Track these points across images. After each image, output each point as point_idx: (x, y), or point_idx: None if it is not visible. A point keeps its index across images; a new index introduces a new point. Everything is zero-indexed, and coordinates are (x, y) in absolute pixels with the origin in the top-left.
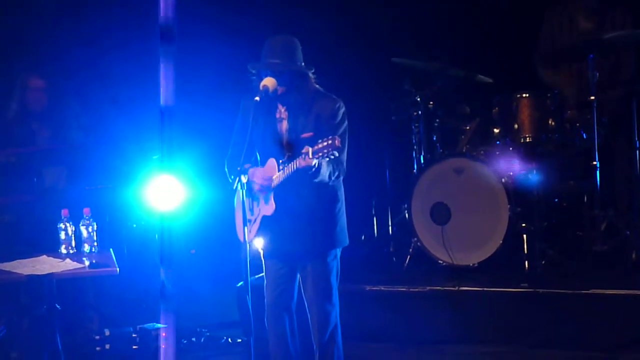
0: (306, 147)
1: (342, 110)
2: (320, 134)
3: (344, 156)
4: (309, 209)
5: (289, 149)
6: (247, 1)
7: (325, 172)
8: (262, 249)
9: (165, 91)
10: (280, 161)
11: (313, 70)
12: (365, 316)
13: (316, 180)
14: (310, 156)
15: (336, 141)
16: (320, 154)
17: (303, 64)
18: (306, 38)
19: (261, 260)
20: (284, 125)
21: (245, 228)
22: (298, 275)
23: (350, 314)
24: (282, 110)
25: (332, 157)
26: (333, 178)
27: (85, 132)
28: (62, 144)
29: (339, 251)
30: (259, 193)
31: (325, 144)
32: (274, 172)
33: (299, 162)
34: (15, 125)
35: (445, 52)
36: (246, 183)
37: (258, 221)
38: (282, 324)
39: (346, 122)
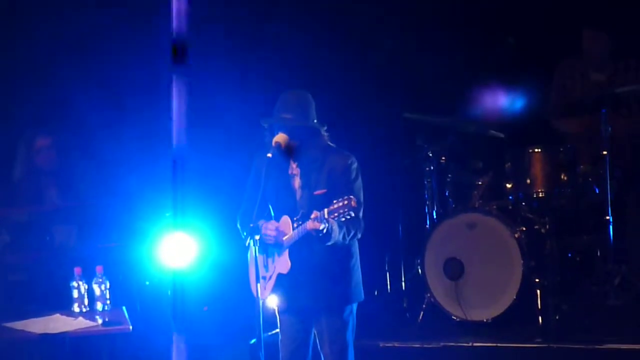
0: (315, 212)
1: (355, 165)
2: (334, 190)
3: (361, 213)
4: (324, 265)
5: (302, 207)
6: (262, 56)
7: (337, 234)
8: (277, 306)
9: (177, 147)
10: (295, 218)
11: (326, 127)
12: None
13: (328, 243)
14: (326, 216)
15: (352, 202)
16: (336, 214)
17: (316, 120)
18: (319, 93)
19: (274, 317)
20: (297, 181)
21: (259, 285)
22: (313, 331)
23: None
24: (294, 166)
25: (349, 217)
26: (348, 238)
27: (95, 189)
28: (71, 202)
29: (354, 307)
30: (273, 248)
31: (340, 204)
32: (289, 230)
33: (308, 225)
34: (24, 184)
35: (457, 107)
36: (259, 239)
37: (274, 278)
38: None
39: (360, 178)
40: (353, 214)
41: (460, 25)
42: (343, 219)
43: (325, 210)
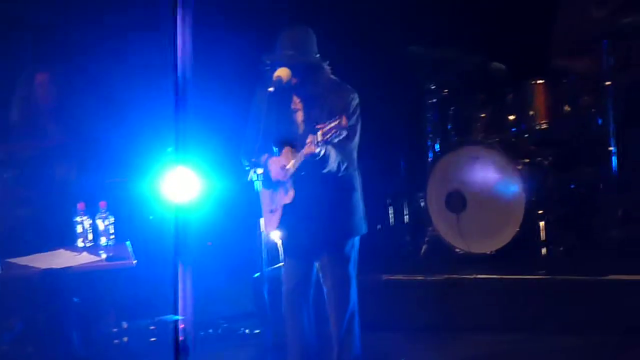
0: (310, 135)
1: (356, 101)
2: None
3: (353, 146)
4: (326, 198)
5: (305, 140)
6: None
7: (333, 161)
8: (280, 239)
9: (180, 83)
10: (294, 150)
11: (328, 62)
12: (382, 306)
13: (324, 170)
14: (319, 138)
15: (343, 120)
16: (329, 135)
17: (318, 55)
18: (320, 28)
19: (277, 252)
20: (299, 116)
21: (263, 218)
22: (316, 265)
23: (367, 303)
24: (297, 101)
25: (341, 137)
26: (342, 168)
27: (97, 124)
28: (72, 137)
29: (357, 240)
30: (277, 182)
31: (333, 124)
32: (289, 161)
33: (305, 149)
34: (24, 121)
35: (459, 39)
36: (262, 174)
37: (279, 210)
38: (300, 314)
39: (358, 113)
40: (345, 133)
41: None
42: (336, 140)
43: (319, 132)
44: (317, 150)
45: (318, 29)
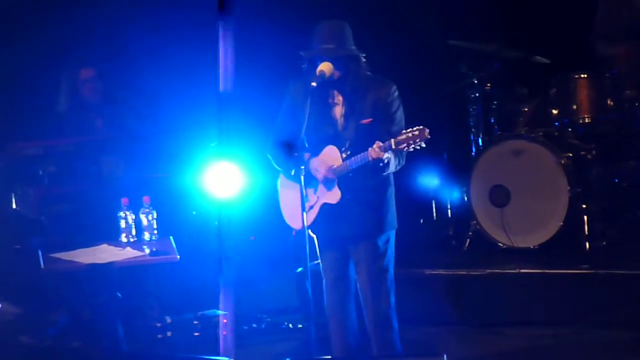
0: (377, 142)
1: (397, 93)
2: (378, 119)
3: None
4: (368, 195)
5: (348, 136)
6: None
7: (393, 165)
8: (315, 235)
9: (223, 78)
10: (343, 149)
11: (364, 55)
12: (425, 300)
13: (384, 173)
14: (394, 146)
15: (425, 132)
16: (404, 145)
17: (354, 47)
18: (360, 21)
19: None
20: (338, 110)
21: (305, 214)
22: (352, 260)
23: (409, 297)
24: (337, 95)
25: (418, 147)
26: (397, 168)
27: (142, 120)
28: (118, 133)
29: (392, 235)
30: (321, 181)
31: (410, 135)
32: (336, 161)
33: (371, 154)
34: (69, 116)
35: (501, 33)
36: (304, 169)
37: (316, 208)
38: (342, 308)
39: (401, 107)
40: (424, 145)
41: None
42: (412, 149)
43: (392, 140)
44: (385, 157)
45: (356, 22)
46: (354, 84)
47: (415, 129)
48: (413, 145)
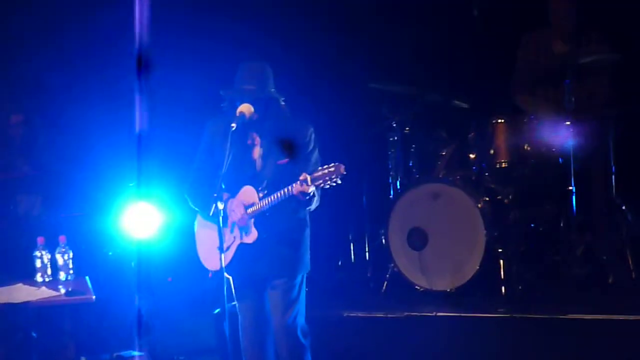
0: (304, 174)
1: (313, 135)
2: (295, 159)
3: None
4: (284, 234)
5: (266, 176)
6: (221, 30)
7: (317, 200)
8: (231, 277)
9: (140, 118)
10: (259, 188)
11: (284, 98)
12: (343, 342)
13: (309, 208)
14: (309, 183)
15: (341, 168)
16: (321, 182)
17: (274, 89)
18: (281, 64)
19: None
20: (257, 151)
21: (223, 255)
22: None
23: (326, 340)
24: (255, 136)
25: (334, 184)
26: (314, 208)
27: (61, 159)
28: (37, 171)
29: (304, 276)
30: (236, 221)
31: (326, 171)
32: (254, 199)
33: (295, 188)
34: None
35: (421, 77)
36: (222, 211)
37: (233, 248)
38: (258, 349)
39: (317, 148)
40: (339, 181)
41: None
42: (327, 186)
43: (308, 176)
44: (311, 190)
45: (278, 65)
46: (272, 125)
47: (331, 165)
48: (329, 182)
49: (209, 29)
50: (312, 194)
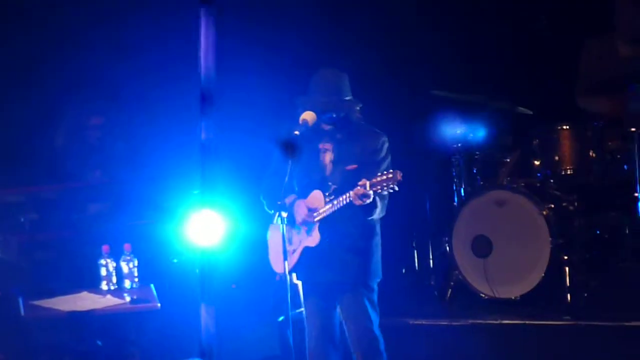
0: (363, 180)
1: (387, 145)
2: (365, 167)
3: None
4: (350, 242)
5: (334, 181)
6: (288, 35)
7: (380, 207)
8: (300, 281)
9: (206, 126)
10: (327, 193)
11: (360, 105)
12: (407, 350)
13: (370, 216)
14: (368, 188)
15: (398, 175)
16: (379, 187)
17: (350, 97)
18: (345, 70)
19: (299, 294)
20: (328, 156)
21: (286, 262)
22: (338, 307)
23: (390, 348)
24: (327, 141)
25: (391, 190)
26: (380, 215)
27: (128, 167)
28: (109, 180)
29: (376, 284)
30: (301, 224)
31: (384, 177)
32: (320, 204)
33: (353, 195)
34: (67, 161)
35: (485, 83)
36: (288, 216)
37: (298, 252)
38: (324, 357)
39: (390, 158)
40: (397, 188)
41: (488, 2)
42: (385, 192)
43: (367, 181)
44: (370, 194)
45: (342, 71)
46: (344, 131)
47: (389, 171)
48: (386, 188)
49: (275, 37)
50: (370, 200)
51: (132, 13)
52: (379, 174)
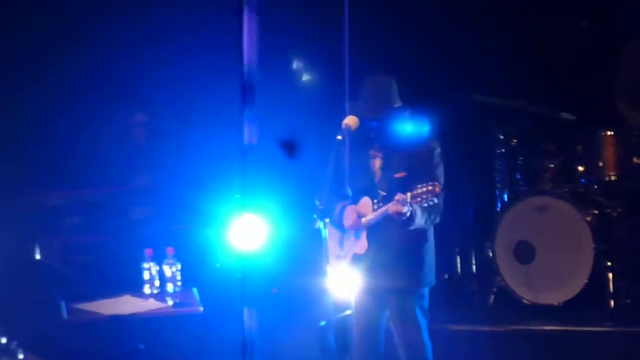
0: (399, 194)
1: (438, 150)
2: (415, 174)
3: (440, 198)
4: (400, 248)
5: (382, 188)
6: (332, 38)
7: (420, 219)
8: (350, 287)
9: (248, 130)
10: (375, 201)
11: (410, 111)
12: (449, 356)
13: (411, 227)
14: (409, 200)
15: (436, 187)
16: (419, 199)
17: (400, 104)
18: (390, 73)
19: (346, 299)
20: (377, 163)
21: (332, 264)
22: (386, 314)
23: (433, 354)
24: (377, 147)
25: (431, 203)
26: (429, 223)
27: (169, 171)
28: (152, 183)
29: (426, 291)
30: (350, 229)
31: (424, 189)
32: (368, 211)
33: (390, 207)
34: (112, 163)
35: (528, 89)
36: (337, 218)
37: (348, 258)
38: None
39: (442, 164)
40: (436, 200)
41: (530, 5)
42: (425, 204)
43: (409, 194)
44: (405, 210)
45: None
46: (394, 137)
47: (429, 184)
48: (426, 200)
49: (319, 39)
50: (407, 214)
51: (172, 14)
52: (419, 185)
